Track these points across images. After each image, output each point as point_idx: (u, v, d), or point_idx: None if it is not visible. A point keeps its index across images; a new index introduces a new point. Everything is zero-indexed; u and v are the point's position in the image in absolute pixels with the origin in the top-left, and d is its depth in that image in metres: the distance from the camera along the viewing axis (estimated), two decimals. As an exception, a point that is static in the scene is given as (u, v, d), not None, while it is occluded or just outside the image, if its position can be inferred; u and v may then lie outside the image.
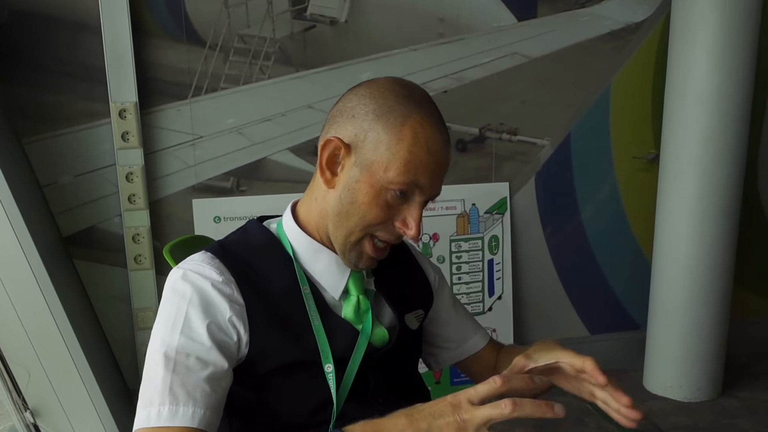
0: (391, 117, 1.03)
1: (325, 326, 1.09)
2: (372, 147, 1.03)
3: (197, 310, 1.02)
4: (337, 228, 1.09)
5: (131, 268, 2.72)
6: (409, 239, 1.10)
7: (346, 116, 1.07)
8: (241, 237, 1.16)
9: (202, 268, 1.05)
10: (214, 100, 2.76)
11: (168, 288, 1.06)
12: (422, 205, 1.07)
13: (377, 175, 1.03)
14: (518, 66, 3.05)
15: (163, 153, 2.74)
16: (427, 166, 1.03)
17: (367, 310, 1.15)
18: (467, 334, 1.38)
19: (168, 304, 1.04)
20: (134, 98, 2.60)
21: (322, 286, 1.13)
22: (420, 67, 2.92)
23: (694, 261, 2.92)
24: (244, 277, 1.07)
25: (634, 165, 3.28)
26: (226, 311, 1.03)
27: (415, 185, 1.04)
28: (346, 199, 1.06)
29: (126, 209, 2.68)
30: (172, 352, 0.99)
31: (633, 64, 3.18)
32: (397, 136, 1.02)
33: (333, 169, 1.08)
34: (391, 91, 1.06)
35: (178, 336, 1.00)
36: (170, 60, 2.69)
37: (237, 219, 2.78)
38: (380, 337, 1.16)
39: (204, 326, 1.01)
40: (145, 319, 2.73)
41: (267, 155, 2.83)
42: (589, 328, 3.39)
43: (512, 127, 3.09)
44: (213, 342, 1.01)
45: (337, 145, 1.06)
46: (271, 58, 2.78)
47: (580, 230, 3.27)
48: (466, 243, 3.06)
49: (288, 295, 1.09)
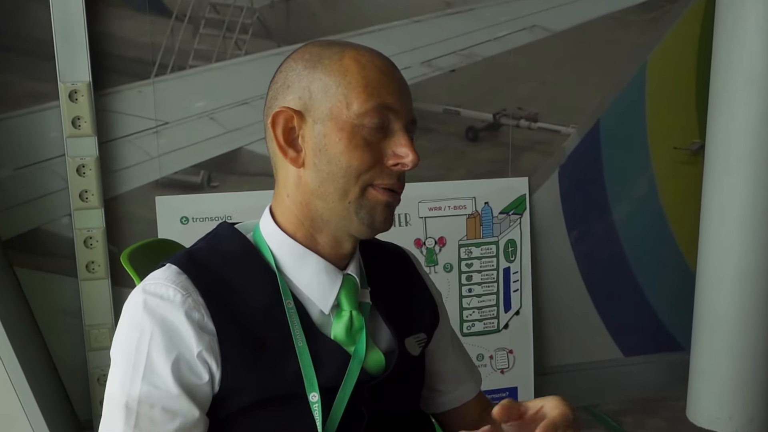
0: (324, 60, 1.09)
1: (311, 348, 1.09)
2: (322, 95, 1.08)
3: (160, 349, 1.03)
4: (328, 195, 1.10)
5: (83, 278, 2.71)
6: (410, 168, 1.11)
7: (281, 93, 1.12)
8: (212, 244, 1.17)
9: (165, 290, 1.06)
10: (182, 79, 2.77)
11: (126, 317, 1.07)
12: (405, 131, 1.11)
13: (342, 116, 1.08)
14: (538, 41, 3.07)
15: (121, 142, 2.74)
16: (388, 84, 1.09)
17: (361, 329, 1.15)
18: (462, 377, 1.39)
19: (127, 340, 1.05)
20: (87, 77, 2.61)
21: (309, 298, 1.13)
22: (423, 41, 2.94)
23: (746, 270, 2.92)
24: (215, 296, 1.07)
25: (675, 157, 3.30)
26: (194, 345, 1.03)
27: (385, 108, 1.08)
28: (322, 162, 1.09)
29: (77, 208, 2.67)
30: (133, 402, 1.01)
31: (672, 38, 3.21)
32: (340, 70, 1.08)
33: (294, 144, 1.11)
34: (312, 45, 1.13)
35: (140, 383, 1.02)
36: (130, 33, 2.70)
37: (208, 219, 2.78)
38: (376, 362, 1.15)
39: (169, 368, 1.02)
40: (99, 338, 2.73)
41: (243, 145, 2.84)
42: (623, 349, 3.40)
43: (532, 113, 3.11)
44: (180, 387, 1.02)
45: (287, 114, 1.10)
46: (248, 30, 2.80)
47: (613, 234, 3.29)
48: (478, 248, 3.08)
49: (268, 313, 1.09)
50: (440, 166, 3.03)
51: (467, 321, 3.11)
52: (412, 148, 1.09)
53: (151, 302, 1.05)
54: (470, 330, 3.11)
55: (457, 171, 3.07)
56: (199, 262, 1.11)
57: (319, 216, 1.12)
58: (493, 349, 3.14)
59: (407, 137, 1.10)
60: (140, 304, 1.06)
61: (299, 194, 1.12)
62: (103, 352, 2.75)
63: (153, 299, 1.05)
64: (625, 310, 3.37)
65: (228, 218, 2.71)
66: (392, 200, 1.12)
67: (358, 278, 1.18)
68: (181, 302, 1.05)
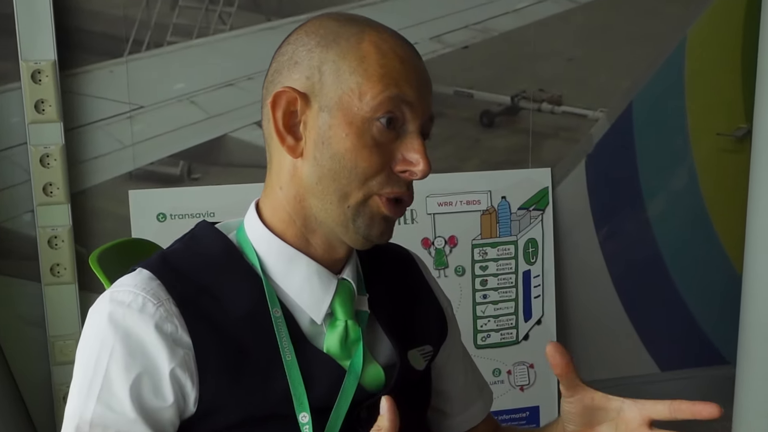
0: (341, 40, 1.08)
1: (301, 362, 1.09)
2: (333, 80, 1.07)
3: (120, 366, 1.02)
4: (326, 196, 1.08)
5: (47, 282, 2.70)
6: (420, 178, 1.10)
7: (287, 69, 1.10)
8: (189, 245, 1.16)
9: (133, 298, 1.05)
10: (159, 58, 2.77)
11: (89, 327, 1.06)
12: (419, 133, 1.10)
13: (353, 108, 1.06)
14: (563, 13, 3.07)
15: (91, 128, 2.74)
16: (407, 75, 1.08)
17: (358, 341, 1.14)
18: (471, 397, 1.39)
19: (86, 353, 1.05)
20: (52, 56, 2.61)
21: (299, 306, 1.12)
22: (433, 14, 2.94)
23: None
24: (192, 305, 1.06)
25: (718, 144, 3.30)
26: (165, 362, 1.02)
27: (401, 101, 1.07)
28: (323, 156, 1.07)
29: (40, 203, 2.67)
30: (85, 425, 1.00)
31: (715, 10, 3.20)
32: (358, 55, 1.07)
33: (294, 131, 1.10)
34: (328, 19, 1.12)
35: (94, 403, 1.01)
36: (101, 5, 2.70)
37: (188, 216, 2.78)
38: (374, 377, 1.15)
39: (127, 389, 1.01)
40: (65, 351, 2.72)
41: (228, 132, 2.84)
42: (660, 363, 3.40)
43: (555, 95, 3.11)
44: (138, 411, 1.01)
45: (290, 96, 1.08)
46: (234, 2, 2.80)
47: (647, 232, 3.29)
48: (494, 249, 3.07)
49: (252, 323, 1.08)
50: (451, 156, 3.03)
51: (482, 331, 3.10)
52: (425, 155, 1.08)
53: (116, 313, 1.04)
54: (485, 342, 3.11)
55: (470, 161, 3.07)
56: (174, 266, 1.10)
57: (313, 215, 1.12)
58: (511, 364, 3.14)
59: (421, 141, 1.09)
60: (104, 314, 1.05)
61: (293, 188, 1.11)
62: (69, 367, 2.66)
63: (119, 309, 1.04)
64: (662, 319, 3.37)
65: (210, 215, 2.72)
66: (393, 215, 1.11)
67: (354, 283, 1.17)
68: (152, 313, 1.03)
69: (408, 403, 1.18)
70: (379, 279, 1.24)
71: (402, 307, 1.25)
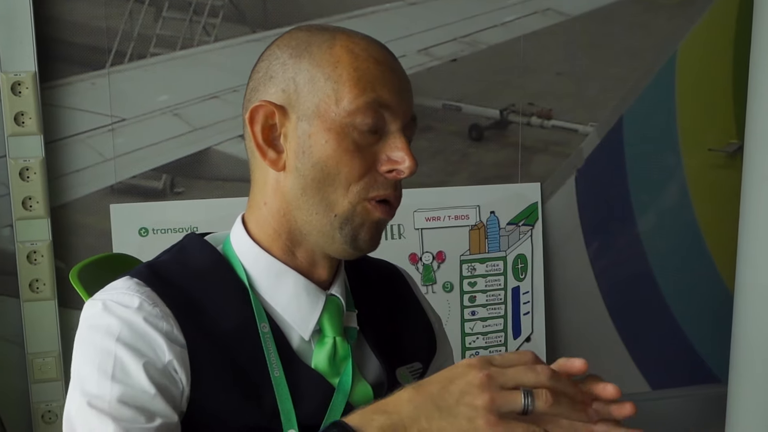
0: (313, 48, 1.10)
1: (289, 379, 1.09)
2: (309, 89, 1.08)
3: (128, 348, 1.02)
4: (311, 209, 1.09)
5: (25, 298, 2.69)
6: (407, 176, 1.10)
7: (262, 84, 1.12)
8: (178, 257, 1.16)
9: (127, 298, 1.05)
10: (142, 70, 2.77)
11: (84, 327, 1.06)
12: (402, 132, 1.10)
13: (330, 114, 1.07)
14: (552, 26, 3.08)
15: (71, 141, 2.73)
16: (383, 77, 1.09)
17: (347, 358, 1.15)
18: None
19: (87, 348, 1.04)
20: (33, 67, 2.60)
21: (287, 322, 1.13)
22: (421, 27, 2.94)
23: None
24: (184, 311, 1.06)
25: (709, 160, 3.30)
26: (165, 353, 1.02)
27: (379, 105, 1.07)
28: (305, 166, 1.08)
29: (19, 217, 2.65)
30: (105, 405, 0.99)
31: (707, 24, 3.21)
32: (331, 61, 1.08)
33: (275, 144, 1.11)
34: (298, 31, 1.13)
35: (110, 384, 1.00)
36: (82, 16, 2.69)
37: (171, 231, 2.78)
38: (363, 396, 1.14)
39: (141, 367, 1.01)
40: (44, 369, 2.71)
41: (212, 145, 2.84)
42: (651, 381, 3.40)
43: (545, 109, 3.11)
44: (156, 387, 1.01)
45: (267, 109, 1.09)
46: (218, 14, 2.80)
47: (638, 248, 3.29)
48: (483, 265, 3.07)
49: (241, 337, 1.09)
50: (439, 170, 3.04)
51: (470, 348, 3.10)
52: (409, 152, 1.09)
53: (112, 307, 1.05)
54: (474, 359, 3.07)
55: (458, 175, 3.07)
56: (162, 275, 1.11)
57: (298, 229, 1.12)
58: (500, 381, 3.10)
59: (404, 140, 1.10)
60: (100, 309, 1.05)
61: (277, 202, 1.12)
62: (48, 385, 2.74)
63: (114, 305, 1.05)
64: (653, 337, 3.38)
65: (194, 229, 2.69)
66: (385, 216, 1.12)
67: (343, 299, 1.18)
68: (149, 311, 1.04)
69: None
70: (367, 295, 1.25)
71: (390, 324, 1.26)
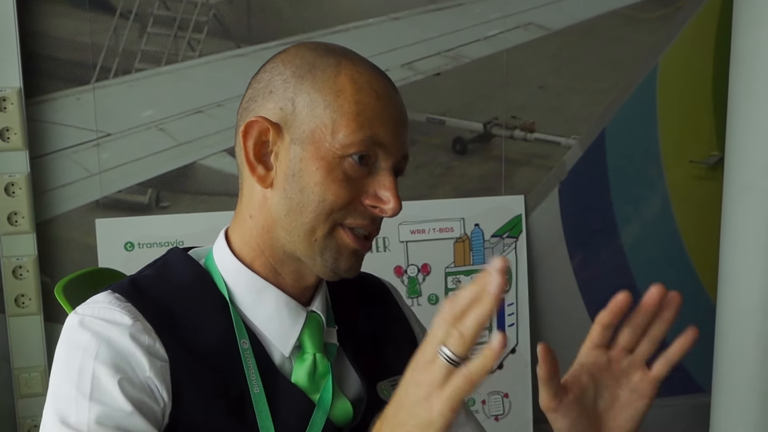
0: (317, 72, 1.08)
1: (269, 395, 1.09)
2: (307, 113, 1.07)
3: (105, 366, 1.01)
4: (293, 229, 1.09)
5: (11, 313, 2.69)
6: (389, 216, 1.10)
7: (261, 97, 1.11)
8: (161, 272, 1.16)
9: (108, 313, 1.04)
10: (127, 85, 2.77)
11: (63, 341, 1.05)
12: (392, 171, 1.10)
13: (324, 144, 1.06)
14: (535, 41, 3.10)
15: (57, 156, 2.73)
16: (383, 114, 1.08)
17: (326, 374, 1.14)
18: (457, 423, 1.36)
19: (65, 363, 1.03)
20: (18, 83, 2.60)
21: (268, 338, 1.12)
22: (404, 41, 2.95)
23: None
24: (165, 326, 1.06)
25: (691, 171, 3.32)
26: (144, 368, 1.02)
27: (374, 143, 1.07)
28: (293, 189, 1.07)
29: (5, 233, 2.65)
30: (82, 426, 0.98)
31: (686, 39, 3.23)
32: (333, 89, 1.07)
33: (265, 161, 1.10)
34: (305, 49, 1.12)
35: (88, 404, 0.99)
36: (68, 32, 2.70)
37: (156, 245, 2.77)
38: (343, 412, 1.15)
39: (116, 384, 1.00)
40: (30, 383, 2.71)
41: (197, 159, 2.84)
42: (635, 391, 3.40)
43: (528, 122, 3.13)
44: (132, 404, 1.00)
45: (262, 126, 1.08)
46: (203, 29, 2.81)
47: (621, 260, 3.30)
48: (468, 277, 3.07)
49: (221, 352, 1.09)
50: (423, 183, 3.04)
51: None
52: (395, 193, 1.09)
53: (90, 322, 1.04)
54: (459, 371, 3.07)
55: (442, 188, 3.08)
56: (144, 291, 1.10)
57: (281, 246, 1.12)
58: (485, 393, 3.14)
59: (392, 179, 1.09)
60: (76, 324, 1.05)
61: (262, 218, 1.12)
62: (34, 399, 2.73)
63: (93, 320, 1.04)
64: (637, 347, 3.34)
65: (180, 243, 2.67)
66: (361, 249, 1.12)
67: (323, 316, 1.17)
68: (129, 325, 1.03)
69: None
70: (349, 309, 1.24)
71: (373, 337, 1.25)
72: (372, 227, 1.11)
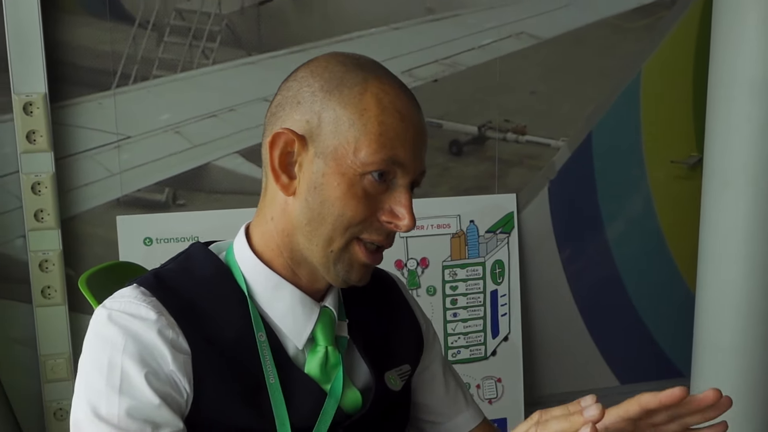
0: (344, 89, 1.06)
1: (284, 384, 1.09)
2: (331, 129, 1.05)
3: (133, 361, 1.01)
4: (312, 239, 1.09)
5: (38, 304, 2.69)
6: (403, 232, 1.10)
7: (289, 106, 1.09)
8: (184, 266, 1.15)
9: (134, 307, 1.04)
10: (145, 91, 2.77)
11: (91, 335, 1.05)
12: (408, 188, 1.10)
13: (347, 161, 1.05)
14: (526, 49, 3.09)
15: (80, 157, 2.73)
16: (404, 135, 1.06)
17: (337, 365, 1.15)
18: (459, 407, 1.38)
19: (94, 357, 1.03)
20: (43, 89, 2.60)
21: (283, 331, 1.12)
22: (404, 50, 2.95)
23: (748, 291, 2.92)
24: (188, 319, 1.06)
25: (672, 171, 3.33)
26: (168, 362, 1.02)
27: (394, 163, 1.06)
28: (314, 201, 1.07)
29: (32, 228, 2.66)
30: (114, 418, 0.99)
31: (668, 47, 3.24)
32: (359, 107, 1.05)
33: (289, 170, 1.09)
34: (335, 62, 1.10)
35: (118, 397, 1.00)
36: (90, 41, 2.70)
37: (173, 240, 2.76)
38: (352, 401, 1.15)
39: (143, 378, 1.01)
40: (56, 369, 2.71)
41: (211, 160, 2.83)
42: (620, 376, 3.41)
43: (519, 125, 3.13)
44: (159, 397, 1.00)
45: (288, 138, 1.07)
46: (216, 38, 2.80)
47: (606, 253, 3.31)
48: (463, 270, 3.08)
49: (239, 344, 1.08)
50: (423, 183, 2.99)
51: (452, 348, 3.11)
52: (410, 210, 1.08)
53: (118, 317, 1.04)
54: (455, 357, 3.10)
55: (440, 187, 3.08)
56: (167, 284, 1.10)
57: (299, 250, 1.12)
58: (480, 378, 3.14)
59: (408, 197, 1.09)
60: (105, 318, 1.04)
61: (283, 222, 1.11)
62: (60, 384, 2.73)
63: (120, 315, 1.04)
64: (621, 335, 3.39)
65: (195, 239, 2.70)
66: (372, 263, 1.12)
67: (335, 311, 1.17)
68: (154, 320, 1.03)
69: (386, 420, 1.22)
70: (359, 303, 1.24)
71: (381, 329, 1.25)
72: (386, 242, 1.11)
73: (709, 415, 0.96)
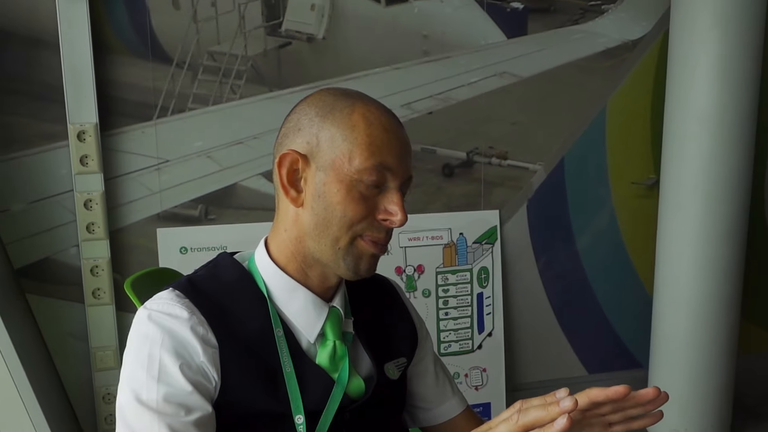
0: (336, 112, 1.09)
1: (298, 373, 1.10)
2: (328, 146, 1.08)
3: (169, 354, 1.03)
4: (320, 240, 1.10)
5: (89, 304, 2.69)
6: (398, 226, 1.12)
7: (292, 133, 1.12)
8: (213, 272, 1.17)
9: (170, 308, 1.06)
10: (181, 121, 2.78)
11: (134, 332, 1.07)
12: (399, 190, 1.11)
13: (343, 170, 1.07)
14: (508, 86, 3.09)
15: (126, 178, 2.74)
16: (390, 144, 1.09)
17: (344, 357, 1.15)
18: (445, 396, 1.38)
19: (137, 351, 1.05)
20: (94, 119, 2.61)
21: (297, 328, 1.13)
22: (403, 86, 2.96)
23: (698, 293, 2.93)
24: (216, 318, 1.07)
25: (633, 191, 3.31)
26: (199, 354, 1.03)
27: (384, 168, 1.08)
28: (319, 207, 1.09)
29: (84, 239, 2.67)
30: (153, 403, 1.00)
31: (630, 84, 3.23)
32: (349, 125, 1.08)
33: (296, 185, 1.11)
34: (326, 94, 1.13)
35: (156, 385, 1.01)
36: (134, 78, 2.71)
37: (205, 250, 2.78)
38: (357, 387, 1.16)
39: (177, 368, 1.02)
40: (104, 359, 2.71)
41: (238, 181, 2.84)
42: (588, 366, 3.40)
43: (502, 151, 3.12)
44: (192, 385, 1.02)
45: (293, 157, 1.10)
46: (242, 76, 2.81)
47: (576, 261, 3.30)
48: (454, 275, 3.07)
49: (260, 338, 1.10)
50: (419, 200, 3.03)
51: (444, 342, 3.10)
52: (402, 207, 1.10)
53: (156, 316, 1.06)
54: (447, 350, 3.09)
55: (434, 204, 3.07)
56: (199, 287, 1.11)
57: (311, 254, 1.13)
58: (468, 368, 3.13)
59: (399, 196, 1.10)
60: (145, 318, 1.06)
61: (295, 231, 1.12)
62: (108, 373, 2.73)
63: (158, 314, 1.06)
64: (589, 331, 3.38)
65: (224, 248, 2.69)
66: (379, 252, 1.13)
67: (342, 310, 1.18)
68: (187, 318, 1.05)
69: (385, 405, 1.23)
70: (363, 304, 1.25)
71: (381, 327, 1.26)
72: (385, 238, 1.12)
73: (648, 408, 1.01)
